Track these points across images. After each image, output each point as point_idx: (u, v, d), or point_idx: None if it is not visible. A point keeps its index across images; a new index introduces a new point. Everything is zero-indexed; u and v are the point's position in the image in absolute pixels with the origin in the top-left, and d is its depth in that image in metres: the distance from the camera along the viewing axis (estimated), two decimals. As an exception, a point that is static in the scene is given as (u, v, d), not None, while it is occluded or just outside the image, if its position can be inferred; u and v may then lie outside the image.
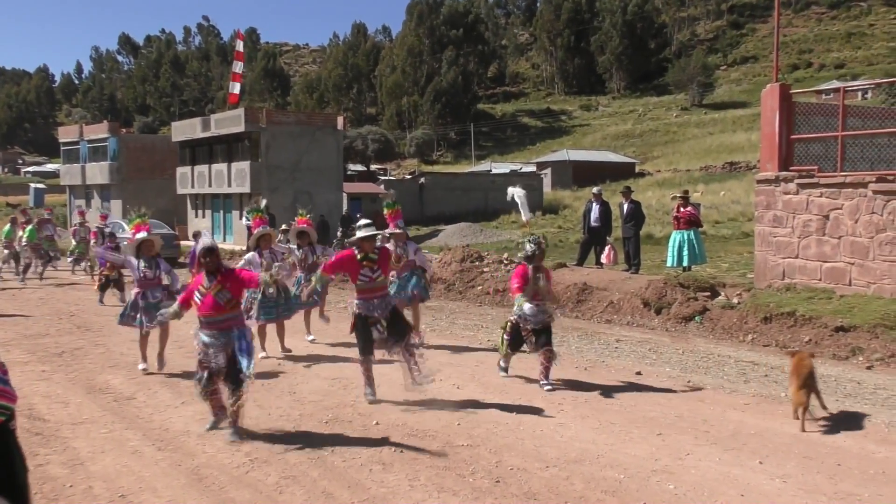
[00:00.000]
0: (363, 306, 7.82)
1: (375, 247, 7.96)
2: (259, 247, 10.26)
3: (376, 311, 7.82)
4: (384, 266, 8.01)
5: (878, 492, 5.36)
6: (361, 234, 7.88)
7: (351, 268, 7.86)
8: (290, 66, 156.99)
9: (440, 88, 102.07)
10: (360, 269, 7.78)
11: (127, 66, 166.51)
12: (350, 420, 7.21)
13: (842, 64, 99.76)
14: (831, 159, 12.40)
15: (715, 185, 49.64)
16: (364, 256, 7.80)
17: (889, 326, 10.05)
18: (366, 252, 7.82)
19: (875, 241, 11.38)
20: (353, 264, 7.82)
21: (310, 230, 11.35)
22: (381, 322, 7.81)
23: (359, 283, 7.82)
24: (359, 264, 7.78)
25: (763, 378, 8.84)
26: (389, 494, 5.39)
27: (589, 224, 16.75)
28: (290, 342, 10.47)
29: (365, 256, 7.80)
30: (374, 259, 7.84)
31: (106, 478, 5.81)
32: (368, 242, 7.87)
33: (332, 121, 39.07)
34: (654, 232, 27.45)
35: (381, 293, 7.94)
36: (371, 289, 7.83)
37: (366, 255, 7.81)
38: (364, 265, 7.78)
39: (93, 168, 44.54)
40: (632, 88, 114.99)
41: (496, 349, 10.58)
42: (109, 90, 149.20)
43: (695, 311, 12.24)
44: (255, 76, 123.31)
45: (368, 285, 7.81)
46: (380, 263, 7.89)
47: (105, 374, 9.36)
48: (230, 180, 36.24)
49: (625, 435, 6.67)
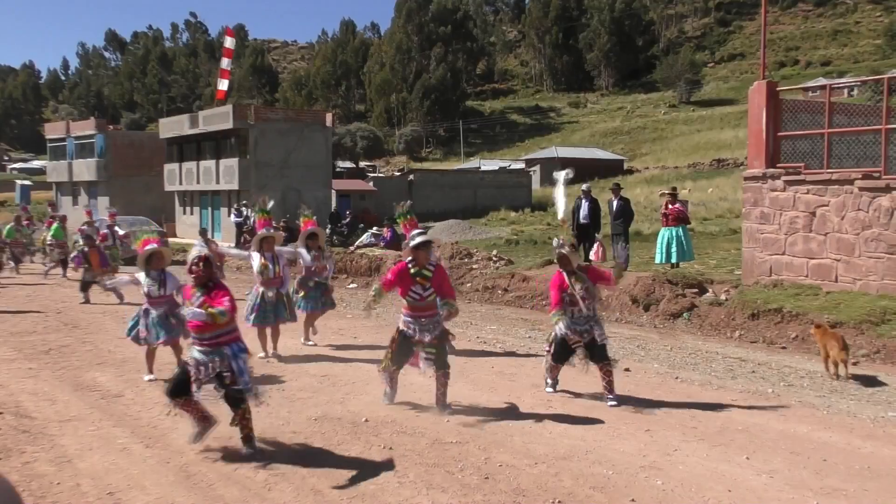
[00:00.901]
0: (411, 325, 7.29)
1: (431, 262, 7.37)
2: (262, 248, 10.11)
3: (425, 334, 7.25)
4: (440, 286, 7.33)
5: (864, 487, 5.40)
6: (416, 241, 7.31)
7: (403, 282, 7.26)
8: (279, 62, 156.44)
9: (429, 85, 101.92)
10: (411, 284, 7.23)
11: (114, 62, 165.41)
12: (339, 417, 7.20)
13: (828, 61, 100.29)
14: (818, 156, 12.46)
15: (703, 182, 49.79)
16: (417, 272, 7.26)
17: (874, 323, 10.13)
18: (420, 267, 7.28)
19: (861, 238, 11.45)
20: (406, 279, 7.25)
21: (320, 231, 11.13)
22: (426, 346, 7.25)
23: (408, 299, 7.28)
24: (411, 280, 7.24)
25: (750, 374, 8.89)
26: (378, 491, 5.39)
27: (578, 221, 16.77)
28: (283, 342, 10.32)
29: (419, 272, 7.26)
30: (429, 276, 7.25)
31: (94, 475, 5.79)
32: (424, 252, 7.31)
33: (321, 118, 38.98)
34: (643, 229, 27.50)
35: (431, 313, 7.32)
36: (421, 307, 7.26)
37: (420, 270, 7.27)
38: (417, 281, 7.23)
39: (80, 165, 44.31)
40: (620, 85, 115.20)
41: (485, 346, 10.62)
42: (96, 87, 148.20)
43: (683, 307, 12.29)
44: (244, 73, 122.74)
45: (418, 303, 7.26)
46: (434, 282, 7.27)
47: (93, 372, 9.32)
48: (218, 177, 36.12)
49: (613, 431, 6.70)
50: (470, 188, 49.39)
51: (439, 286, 7.33)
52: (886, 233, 11.08)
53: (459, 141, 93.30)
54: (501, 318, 13.30)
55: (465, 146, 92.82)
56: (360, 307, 10.40)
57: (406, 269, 7.28)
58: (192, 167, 38.27)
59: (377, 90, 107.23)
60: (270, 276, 9.96)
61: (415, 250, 7.31)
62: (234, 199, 34.19)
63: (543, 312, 13.66)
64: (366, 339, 11.13)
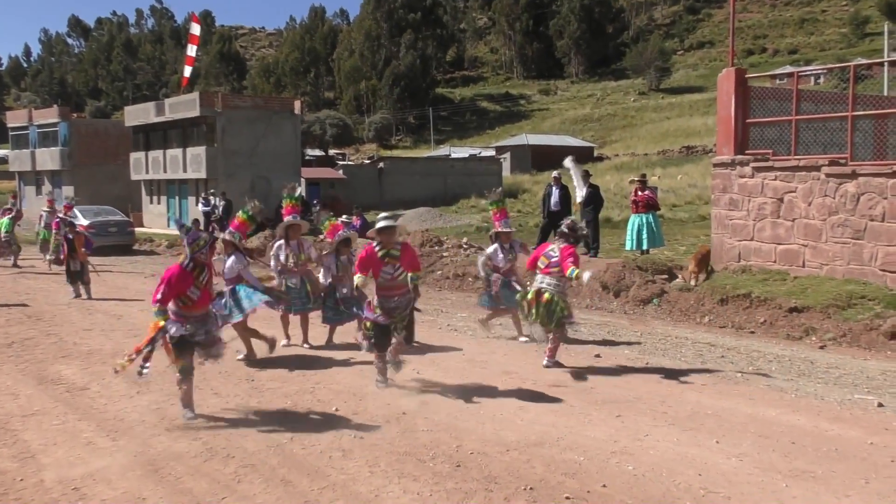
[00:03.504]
0: (384, 305, 7.58)
1: (396, 242, 7.67)
2: (287, 236, 9.88)
3: (396, 310, 7.61)
4: (407, 263, 7.65)
5: (832, 468, 5.45)
6: (379, 225, 7.60)
7: (374, 265, 7.57)
8: (246, 49, 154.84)
9: (398, 72, 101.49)
10: (381, 265, 7.54)
11: (77, 49, 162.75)
12: (309, 407, 7.14)
13: (795, 49, 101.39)
14: (786, 143, 12.56)
15: (672, 168, 50.15)
16: (385, 253, 7.54)
17: (841, 307, 10.25)
18: (386, 249, 7.55)
19: (827, 224, 11.57)
20: (376, 261, 7.55)
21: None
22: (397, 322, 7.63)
23: (380, 280, 7.59)
24: (380, 261, 7.53)
25: (720, 359, 8.96)
26: (349, 481, 5.34)
27: (549, 208, 16.79)
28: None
29: (386, 253, 7.54)
30: (396, 256, 7.55)
31: (58, 470, 5.67)
32: (387, 236, 7.57)
33: (290, 105, 38.61)
34: (613, 216, 27.64)
35: (402, 291, 7.67)
36: (392, 286, 7.60)
37: (387, 252, 7.55)
38: (386, 262, 7.53)
39: (43, 154, 43.50)
40: (590, 73, 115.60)
41: (456, 334, 10.60)
42: (59, 74, 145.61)
43: (653, 293, 12.35)
44: (211, 60, 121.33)
45: (389, 283, 7.59)
46: (403, 261, 7.59)
47: (57, 365, 9.15)
48: (186, 166, 35.67)
49: (584, 417, 6.71)
50: (440, 176, 49.29)
51: (409, 264, 7.66)
52: (852, 218, 11.21)
53: (429, 128, 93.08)
54: (472, 305, 13.27)
55: (435, 134, 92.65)
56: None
57: (374, 252, 7.56)
58: (158, 156, 37.76)
59: (346, 77, 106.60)
60: (300, 263, 9.87)
61: (378, 233, 7.60)
62: (202, 187, 33.81)
63: (514, 299, 13.67)
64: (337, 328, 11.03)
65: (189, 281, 6.65)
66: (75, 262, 14.97)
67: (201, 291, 6.75)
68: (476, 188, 46.91)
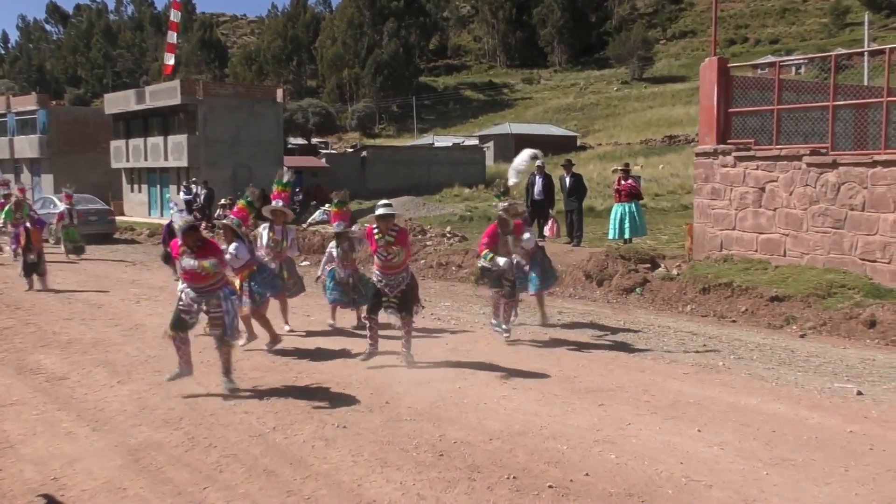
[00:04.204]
0: (381, 280, 8.29)
1: (392, 228, 8.19)
2: (272, 221, 9.96)
3: (391, 288, 8.24)
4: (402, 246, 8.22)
5: (812, 456, 5.50)
6: (378, 212, 8.19)
7: (372, 244, 8.29)
8: (228, 37, 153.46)
9: (381, 61, 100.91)
10: (377, 247, 8.19)
11: (56, 35, 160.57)
12: (292, 397, 7.11)
13: (776, 39, 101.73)
14: (767, 132, 12.62)
15: (655, 158, 50.29)
16: (381, 237, 8.14)
17: (821, 296, 10.33)
18: (383, 234, 8.14)
19: (808, 213, 11.64)
20: (373, 241, 8.24)
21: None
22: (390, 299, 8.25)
23: (378, 258, 8.25)
24: (377, 244, 8.18)
25: (701, 348, 9.01)
26: (332, 470, 5.33)
27: (532, 197, 16.79)
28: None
29: (382, 237, 8.13)
30: (391, 241, 8.12)
31: (38, 461, 5.62)
32: (383, 222, 8.15)
33: (272, 93, 38.34)
34: (596, 205, 27.70)
35: (395, 271, 8.25)
36: (388, 266, 8.23)
37: (383, 236, 8.13)
38: (381, 246, 8.14)
39: (21, 141, 42.98)
40: (573, 62, 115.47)
41: (439, 323, 10.60)
42: (38, 61, 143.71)
43: (636, 282, 12.40)
44: (191, 47, 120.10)
45: (386, 263, 8.22)
46: (397, 244, 8.16)
47: (36, 354, 9.07)
48: (167, 154, 35.36)
49: (567, 406, 6.73)
50: (423, 165, 49.16)
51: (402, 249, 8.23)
52: (833, 208, 11.29)
53: (413, 117, 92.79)
54: (455, 294, 13.29)
55: (418, 122, 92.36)
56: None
57: (372, 234, 8.26)
58: (139, 144, 37.41)
59: (329, 65, 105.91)
60: (279, 249, 9.92)
61: (377, 220, 8.19)
62: (184, 176, 33.55)
63: (498, 289, 13.68)
64: (319, 317, 11.02)
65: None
66: (33, 253, 14.53)
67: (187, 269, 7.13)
68: (460, 177, 46.94)
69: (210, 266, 7.01)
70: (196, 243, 7.08)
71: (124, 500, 4.94)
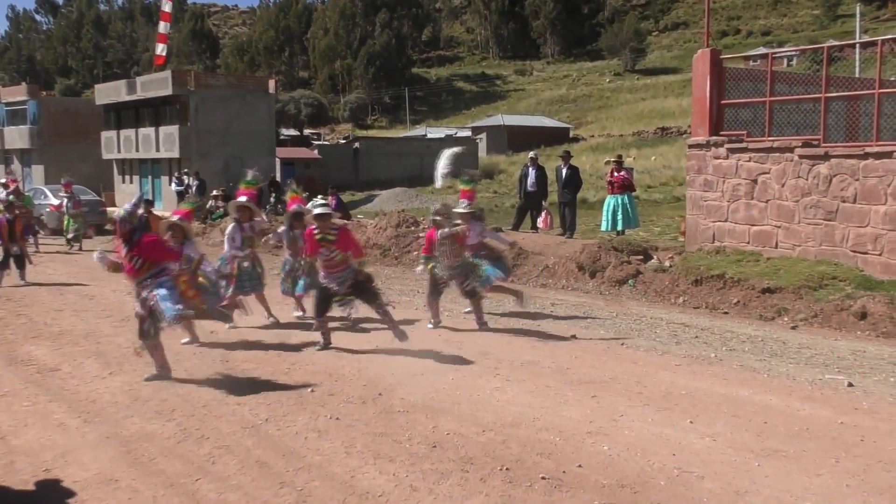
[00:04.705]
0: (326, 279, 8.38)
1: (332, 227, 8.32)
2: (239, 219, 9.88)
3: (335, 284, 8.34)
4: (342, 246, 8.31)
5: (803, 448, 5.52)
6: (315, 212, 8.37)
7: (311, 245, 8.41)
8: (219, 27, 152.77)
9: (374, 52, 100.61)
10: (319, 246, 8.28)
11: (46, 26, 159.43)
12: (285, 388, 7.11)
13: (768, 31, 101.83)
14: (760, 124, 12.63)
15: (647, 150, 50.38)
16: (322, 237, 8.25)
17: (812, 288, 10.36)
18: (322, 233, 8.26)
19: (800, 205, 11.67)
20: (314, 243, 8.34)
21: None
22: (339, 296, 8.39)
23: (319, 259, 8.38)
24: (317, 243, 8.27)
25: (694, 339, 9.03)
26: (325, 462, 5.33)
27: (525, 189, 16.79)
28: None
29: (323, 237, 8.24)
30: (332, 240, 8.24)
31: (29, 452, 5.60)
32: (322, 222, 8.28)
33: (264, 84, 38.21)
34: (588, 196, 27.75)
35: (341, 268, 8.33)
36: (331, 265, 8.32)
37: (324, 235, 8.25)
38: (322, 245, 8.25)
39: (11, 132, 42.74)
40: (566, 53, 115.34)
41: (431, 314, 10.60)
42: (28, 51, 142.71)
43: (628, 274, 12.41)
44: (183, 38, 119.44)
45: (328, 262, 8.32)
46: (337, 244, 8.26)
47: (27, 346, 9.03)
48: (158, 145, 35.23)
49: (560, 398, 6.74)
50: (416, 156, 49.11)
51: (345, 247, 8.35)
52: (825, 199, 11.32)
53: (405, 108, 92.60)
54: (448, 286, 13.26)
55: (410, 114, 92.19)
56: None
57: (312, 234, 8.38)
58: (130, 135, 37.25)
59: (321, 56, 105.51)
60: (249, 246, 9.91)
61: (315, 219, 8.39)
62: (175, 167, 33.43)
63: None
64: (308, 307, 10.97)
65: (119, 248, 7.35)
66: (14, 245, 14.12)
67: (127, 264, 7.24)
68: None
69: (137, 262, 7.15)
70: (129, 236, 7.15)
71: (116, 492, 4.92)
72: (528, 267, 13.81)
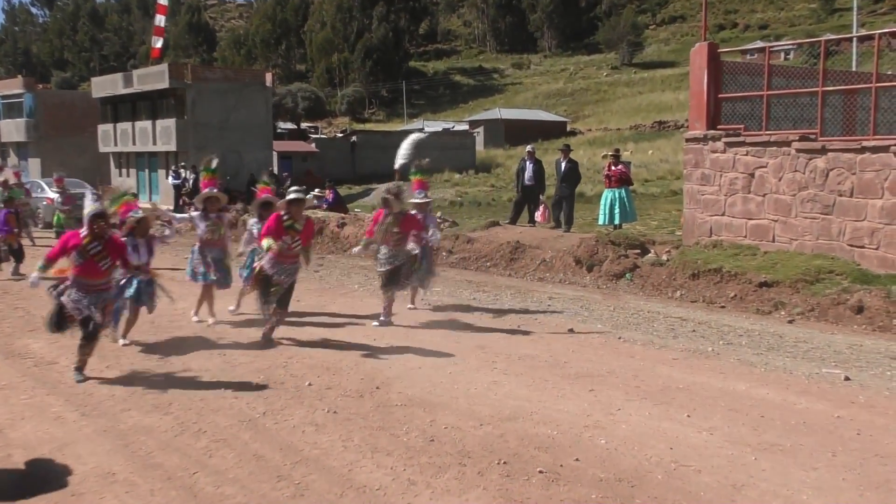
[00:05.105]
0: (273, 266, 8.19)
1: (302, 217, 8.24)
2: (206, 209, 9.75)
3: (282, 276, 8.26)
4: (305, 238, 8.29)
5: (800, 441, 5.54)
6: (290, 197, 8.20)
7: (275, 230, 8.13)
8: (216, 20, 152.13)
9: (371, 45, 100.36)
10: (283, 234, 8.10)
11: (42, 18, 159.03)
12: (282, 382, 7.10)
13: (765, 24, 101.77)
14: (757, 118, 12.62)
15: (644, 143, 50.35)
16: (290, 225, 8.15)
17: (809, 281, 10.37)
18: (294, 220, 8.16)
19: (797, 199, 11.68)
20: (280, 228, 8.12)
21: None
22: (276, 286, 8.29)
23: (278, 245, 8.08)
24: (284, 230, 8.11)
25: (691, 333, 9.04)
26: (322, 456, 5.33)
27: (523, 183, 16.76)
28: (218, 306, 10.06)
29: (291, 225, 8.15)
30: (298, 230, 8.17)
31: (26, 445, 5.60)
32: (297, 208, 8.18)
33: (261, 77, 38.15)
34: (586, 190, 27.76)
35: (293, 260, 8.31)
36: (286, 255, 8.18)
37: (293, 223, 8.16)
38: (288, 232, 8.12)
39: (8, 125, 42.66)
40: (563, 47, 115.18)
41: (429, 308, 10.61)
42: (24, 44, 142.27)
43: (625, 268, 12.42)
44: (179, 31, 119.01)
45: (286, 251, 8.16)
46: (303, 235, 8.23)
47: (25, 339, 9.02)
48: (155, 138, 35.16)
49: (557, 391, 6.74)
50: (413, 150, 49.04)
51: (306, 238, 8.30)
52: (822, 193, 11.32)
53: (402, 102, 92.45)
54: (446, 279, 13.26)
55: (408, 107, 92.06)
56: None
57: (281, 220, 8.16)
58: (127, 128, 37.18)
59: (318, 50, 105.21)
60: (217, 236, 9.69)
61: (288, 205, 8.18)
62: (172, 160, 33.37)
63: (488, 274, 13.70)
64: (309, 301, 10.99)
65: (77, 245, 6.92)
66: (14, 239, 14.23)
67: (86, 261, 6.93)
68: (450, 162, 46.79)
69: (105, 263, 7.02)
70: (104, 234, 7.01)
71: (113, 485, 4.92)
72: (525, 261, 13.81)
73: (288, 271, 8.31)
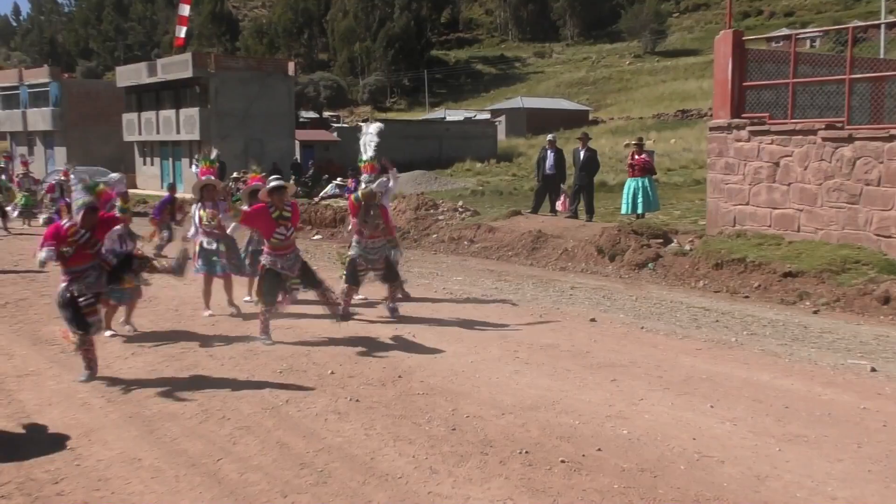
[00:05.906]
0: (274, 262, 7.95)
1: (287, 203, 7.97)
2: (203, 197, 9.82)
3: (287, 269, 8.00)
4: (295, 222, 8.11)
5: (824, 433, 5.49)
6: (271, 185, 7.89)
7: (265, 224, 7.92)
8: (239, 10, 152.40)
9: (393, 34, 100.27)
10: (275, 227, 7.86)
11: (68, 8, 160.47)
12: (305, 370, 7.15)
13: (791, 12, 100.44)
14: (782, 106, 12.49)
15: (667, 132, 49.96)
16: (279, 215, 7.87)
17: (835, 272, 10.27)
18: (279, 210, 7.87)
19: (823, 188, 11.55)
20: (269, 222, 7.86)
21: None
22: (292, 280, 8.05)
23: (273, 240, 7.92)
24: (274, 223, 7.86)
25: (714, 323, 8.98)
26: (345, 443, 5.36)
27: (544, 172, 16.71)
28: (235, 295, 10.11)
29: (279, 215, 7.87)
30: (288, 217, 7.94)
31: (54, 431, 5.68)
32: (279, 196, 7.86)
33: (283, 66, 38.28)
34: (608, 179, 27.59)
35: (291, 250, 8.06)
36: (283, 247, 7.97)
37: (280, 213, 7.87)
38: (279, 223, 7.87)
39: (34, 114, 43.11)
40: (585, 35, 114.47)
41: (451, 297, 10.62)
42: (49, 33, 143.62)
43: (648, 257, 12.35)
44: (202, 20, 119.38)
45: (283, 243, 7.95)
46: (293, 221, 8.03)
47: (51, 325, 9.10)
48: (179, 127, 35.42)
49: (580, 381, 6.73)
50: (435, 139, 49.02)
51: (295, 221, 8.11)
52: (848, 183, 11.19)
53: (424, 91, 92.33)
54: (467, 268, 13.28)
55: (429, 96, 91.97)
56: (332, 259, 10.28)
57: (266, 212, 7.86)
58: (151, 117, 37.46)
59: (340, 39, 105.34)
60: (215, 224, 9.65)
61: (270, 194, 7.85)
62: (196, 149, 33.57)
63: (510, 263, 13.69)
64: (331, 291, 11.01)
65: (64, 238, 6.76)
66: None
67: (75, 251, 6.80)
68: (471, 151, 46.78)
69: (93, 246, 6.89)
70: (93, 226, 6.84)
71: (139, 471, 4.98)
72: (547, 250, 13.78)
73: (289, 262, 8.01)
